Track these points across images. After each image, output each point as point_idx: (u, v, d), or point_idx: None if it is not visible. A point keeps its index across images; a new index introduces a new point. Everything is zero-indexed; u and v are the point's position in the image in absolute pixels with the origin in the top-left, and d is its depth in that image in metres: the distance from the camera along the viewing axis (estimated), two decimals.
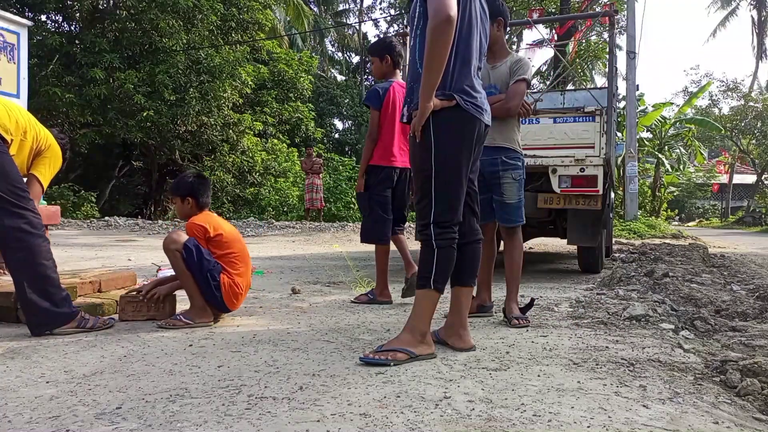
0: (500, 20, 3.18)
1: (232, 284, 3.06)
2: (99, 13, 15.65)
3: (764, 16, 34.22)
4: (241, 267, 3.14)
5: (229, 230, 3.18)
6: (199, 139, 16.32)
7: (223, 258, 3.08)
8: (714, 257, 7.99)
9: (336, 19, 34.27)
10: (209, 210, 3.28)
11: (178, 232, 3.02)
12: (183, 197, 3.17)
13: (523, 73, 3.19)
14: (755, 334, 2.87)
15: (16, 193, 2.65)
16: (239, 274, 3.12)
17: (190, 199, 3.16)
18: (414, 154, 2.45)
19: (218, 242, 3.08)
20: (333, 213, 15.99)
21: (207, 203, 3.24)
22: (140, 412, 1.72)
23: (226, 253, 3.09)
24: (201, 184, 3.22)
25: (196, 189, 3.18)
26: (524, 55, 3.34)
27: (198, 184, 3.20)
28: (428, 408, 1.76)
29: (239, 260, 3.14)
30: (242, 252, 3.19)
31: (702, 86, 24.13)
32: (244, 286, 3.16)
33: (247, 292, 3.22)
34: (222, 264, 3.06)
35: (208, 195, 3.25)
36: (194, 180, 3.23)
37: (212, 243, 3.07)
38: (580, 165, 5.24)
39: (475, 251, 2.56)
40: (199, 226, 3.06)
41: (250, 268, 3.27)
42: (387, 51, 3.82)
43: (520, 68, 3.20)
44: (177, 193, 3.20)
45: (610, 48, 6.84)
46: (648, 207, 22.23)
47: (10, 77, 4.70)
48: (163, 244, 3.02)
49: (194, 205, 3.18)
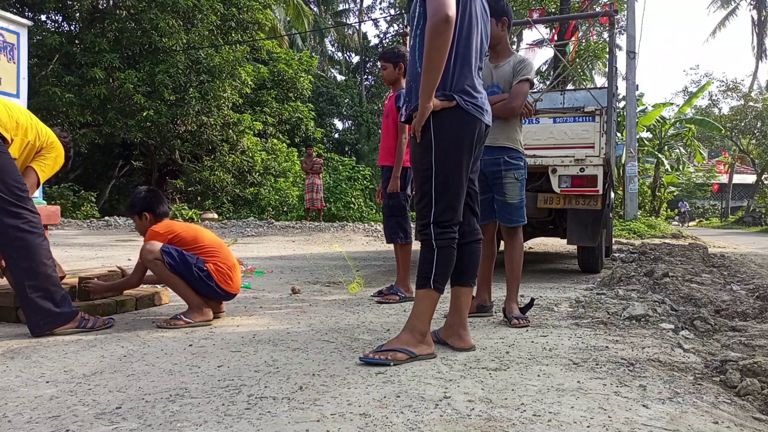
0: (505, 20, 3.18)
1: (217, 266, 3.11)
2: (99, 13, 15.66)
3: (764, 16, 34.19)
4: (216, 252, 3.17)
5: (186, 228, 3.22)
6: (199, 138, 16.33)
7: (195, 252, 3.11)
8: (714, 257, 7.99)
9: (336, 19, 34.27)
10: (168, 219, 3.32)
11: (150, 242, 3.04)
12: (140, 214, 3.22)
13: (526, 73, 3.19)
14: (755, 334, 2.87)
15: (15, 192, 2.65)
16: (219, 258, 3.15)
17: (147, 214, 3.20)
18: (414, 154, 2.45)
19: (179, 241, 3.11)
20: (333, 213, 15.98)
21: (165, 213, 3.27)
22: (140, 412, 1.72)
23: (195, 247, 3.13)
24: (154, 197, 3.25)
25: (150, 203, 3.21)
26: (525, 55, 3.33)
27: (151, 198, 3.24)
28: (428, 408, 1.76)
29: (211, 247, 3.17)
30: (213, 243, 3.22)
31: (702, 86, 24.12)
32: (230, 265, 3.18)
33: (236, 272, 3.23)
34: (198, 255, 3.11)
35: (164, 205, 3.28)
36: (146, 195, 3.26)
37: (175, 244, 3.09)
38: (580, 165, 5.24)
39: (475, 251, 2.56)
40: (155, 232, 3.11)
41: (229, 252, 3.29)
42: (401, 59, 3.93)
43: (523, 68, 3.20)
44: (133, 211, 3.25)
45: (610, 48, 6.84)
46: (648, 207, 22.23)
47: (9, 77, 4.69)
48: (142, 258, 3.04)
49: (152, 218, 3.22)
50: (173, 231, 3.14)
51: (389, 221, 4.06)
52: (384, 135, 4.13)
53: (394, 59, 3.94)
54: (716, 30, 35.53)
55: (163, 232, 3.11)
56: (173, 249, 3.02)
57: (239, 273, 3.30)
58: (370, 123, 28.12)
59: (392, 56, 3.96)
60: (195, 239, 3.16)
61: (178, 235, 3.13)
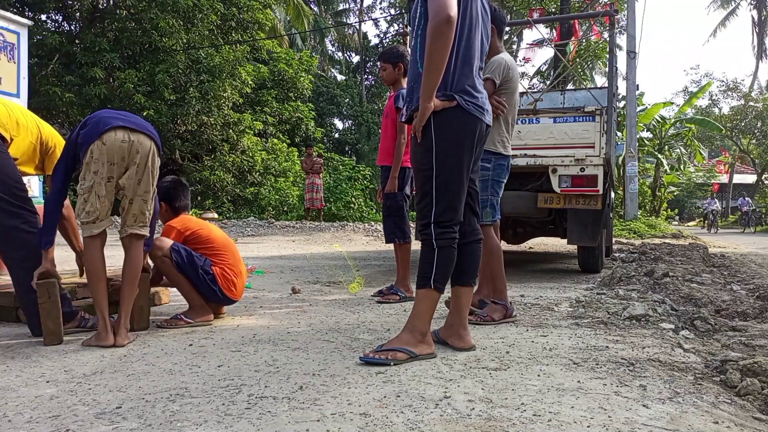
0: (493, 28, 3.17)
1: (224, 271, 3.10)
2: (99, 13, 15.65)
3: (764, 15, 34.20)
4: (227, 256, 3.16)
5: (202, 226, 3.21)
6: (199, 138, 16.33)
7: (205, 252, 3.11)
8: (714, 257, 7.99)
9: (336, 19, 34.27)
10: (187, 213, 3.31)
11: (160, 239, 3.04)
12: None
13: (488, 72, 3.17)
14: (755, 334, 2.87)
15: (13, 192, 2.64)
16: (227, 263, 3.14)
17: (164, 203, 3.19)
18: (415, 154, 2.45)
19: (195, 239, 3.11)
20: (333, 213, 15.98)
21: (184, 207, 3.27)
22: (140, 412, 1.72)
23: (207, 247, 3.13)
24: (175, 189, 3.24)
25: (170, 194, 3.21)
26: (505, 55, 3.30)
27: (172, 189, 3.23)
28: (428, 408, 1.76)
29: (223, 250, 3.17)
30: (225, 245, 3.22)
31: (702, 86, 24.12)
32: (237, 272, 3.18)
33: (241, 279, 3.23)
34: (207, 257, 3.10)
35: (184, 199, 3.27)
36: (169, 185, 3.25)
37: (189, 242, 3.10)
38: (580, 165, 5.24)
39: (476, 251, 2.56)
40: (171, 227, 3.11)
41: (239, 258, 3.29)
42: (400, 59, 3.93)
43: (487, 68, 3.19)
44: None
45: (610, 48, 6.85)
46: (648, 207, 22.24)
47: (10, 77, 4.70)
48: (151, 254, 3.03)
49: (168, 209, 3.21)
50: (189, 228, 3.13)
51: (387, 221, 4.08)
52: (384, 135, 4.14)
53: (394, 60, 3.95)
54: (716, 30, 35.55)
55: (180, 228, 3.10)
56: (183, 248, 3.01)
57: (244, 280, 3.29)
58: (370, 123, 28.12)
59: (391, 57, 3.97)
60: (209, 239, 3.16)
61: (194, 232, 3.12)
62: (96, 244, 2.63)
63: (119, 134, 2.58)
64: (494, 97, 3.16)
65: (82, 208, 2.59)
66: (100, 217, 2.60)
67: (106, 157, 2.56)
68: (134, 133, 2.62)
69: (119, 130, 2.59)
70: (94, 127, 2.59)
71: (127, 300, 2.68)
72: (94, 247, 2.63)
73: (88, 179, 2.57)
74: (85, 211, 2.59)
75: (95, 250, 2.63)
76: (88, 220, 2.60)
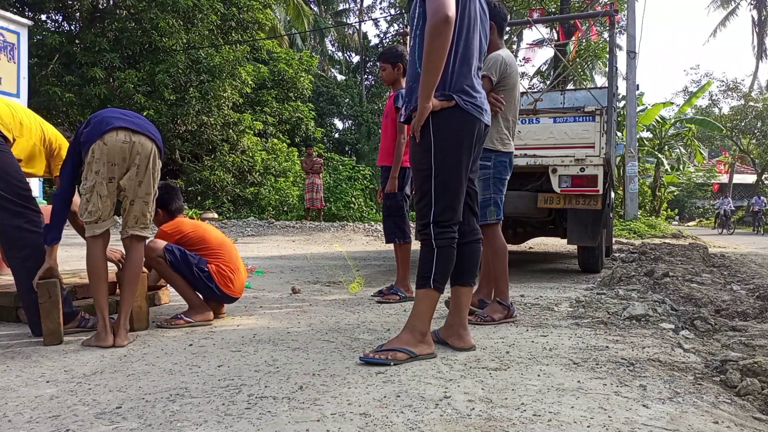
0: (492, 24, 3.17)
1: (220, 268, 3.11)
2: (99, 13, 15.65)
3: (764, 15, 34.20)
4: (222, 254, 3.18)
5: (195, 228, 3.22)
6: (199, 138, 16.32)
7: (200, 252, 3.13)
8: (714, 257, 7.99)
9: (336, 19, 34.26)
10: (182, 215, 3.33)
11: (154, 240, 3.06)
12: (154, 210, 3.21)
13: (485, 69, 3.15)
14: (755, 334, 2.87)
15: (17, 191, 2.64)
16: (223, 260, 3.15)
17: (160, 210, 3.19)
18: (414, 154, 2.45)
19: (187, 242, 3.13)
20: (333, 213, 15.97)
21: (178, 209, 3.28)
22: (140, 412, 1.72)
23: (202, 247, 3.14)
24: (168, 193, 3.25)
25: (164, 199, 3.21)
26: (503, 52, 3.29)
27: (166, 194, 3.23)
28: (428, 408, 1.76)
29: (218, 249, 3.18)
30: (220, 244, 3.22)
31: (702, 86, 24.10)
32: (233, 269, 3.18)
33: (239, 276, 3.23)
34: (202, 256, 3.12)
35: (178, 201, 3.29)
36: (161, 191, 3.24)
37: (183, 244, 3.11)
38: (580, 165, 5.24)
39: (475, 251, 2.56)
40: (163, 232, 3.13)
41: (236, 255, 3.30)
42: (399, 59, 3.93)
43: (483, 65, 3.19)
44: None
45: (610, 48, 6.85)
46: (648, 207, 22.24)
47: (10, 77, 4.70)
48: (146, 256, 3.02)
49: (165, 214, 3.23)
50: (181, 232, 3.16)
51: (387, 221, 4.08)
52: (384, 135, 4.14)
53: (393, 60, 3.95)
54: (716, 30, 35.55)
55: (171, 232, 3.14)
56: (176, 248, 3.04)
57: (243, 277, 3.29)
58: (370, 123, 28.12)
59: (390, 57, 3.97)
60: (202, 239, 3.17)
61: (185, 235, 3.15)
62: (98, 244, 2.63)
63: (120, 135, 2.58)
64: (491, 95, 3.15)
65: (85, 208, 2.60)
66: (102, 217, 2.60)
67: (106, 158, 2.56)
68: (135, 135, 2.62)
69: (121, 131, 2.59)
70: (96, 126, 2.59)
71: (128, 300, 2.69)
72: (96, 247, 2.63)
73: (90, 179, 2.58)
74: (87, 210, 2.59)
75: (97, 250, 2.63)
76: (90, 220, 2.60)
